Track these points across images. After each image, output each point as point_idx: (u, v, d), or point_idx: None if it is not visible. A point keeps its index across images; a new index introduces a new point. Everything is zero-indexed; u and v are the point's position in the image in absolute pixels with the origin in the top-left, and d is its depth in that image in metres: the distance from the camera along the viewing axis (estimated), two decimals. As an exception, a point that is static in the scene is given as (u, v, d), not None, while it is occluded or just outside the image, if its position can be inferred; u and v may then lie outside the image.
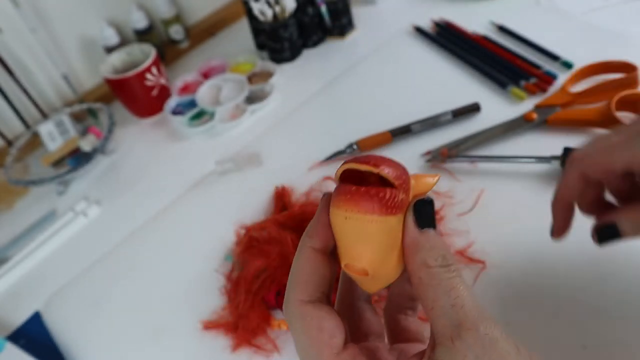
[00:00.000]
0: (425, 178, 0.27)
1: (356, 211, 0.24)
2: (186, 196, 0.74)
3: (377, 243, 0.25)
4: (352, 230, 0.25)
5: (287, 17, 0.86)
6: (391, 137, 0.66)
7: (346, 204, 0.25)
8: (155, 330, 0.58)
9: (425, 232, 0.25)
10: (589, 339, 0.44)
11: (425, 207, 0.26)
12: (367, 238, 0.25)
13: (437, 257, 0.25)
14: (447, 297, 0.23)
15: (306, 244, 0.27)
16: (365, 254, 0.25)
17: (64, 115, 0.88)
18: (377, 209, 0.24)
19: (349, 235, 0.25)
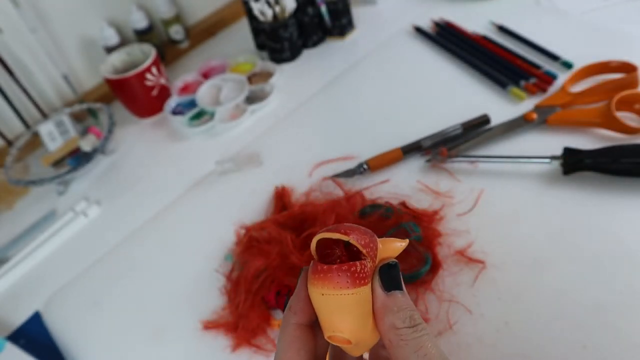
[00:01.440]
0: (392, 243, 0.29)
1: (331, 288, 0.26)
2: (186, 196, 0.74)
3: (354, 313, 0.26)
4: (329, 305, 0.26)
5: (287, 17, 0.86)
6: (402, 154, 0.66)
7: (321, 282, 0.26)
8: (155, 330, 0.58)
9: (392, 295, 0.27)
10: (589, 339, 0.44)
11: (390, 270, 0.27)
12: (344, 310, 0.26)
13: (405, 319, 0.26)
14: (416, 356, 0.25)
15: (290, 320, 0.28)
16: (345, 325, 0.27)
17: (64, 115, 0.88)
18: (350, 283, 0.26)
19: (328, 309, 0.27)
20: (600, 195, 0.55)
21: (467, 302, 0.50)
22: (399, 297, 0.27)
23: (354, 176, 0.66)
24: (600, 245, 0.51)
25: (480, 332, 0.47)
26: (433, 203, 0.60)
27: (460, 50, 0.79)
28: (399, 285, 0.27)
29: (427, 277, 0.52)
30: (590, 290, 0.48)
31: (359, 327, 0.27)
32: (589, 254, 0.50)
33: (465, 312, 0.49)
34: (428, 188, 0.62)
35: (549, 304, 0.48)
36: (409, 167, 0.65)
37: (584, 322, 0.46)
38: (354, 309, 0.26)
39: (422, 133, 0.67)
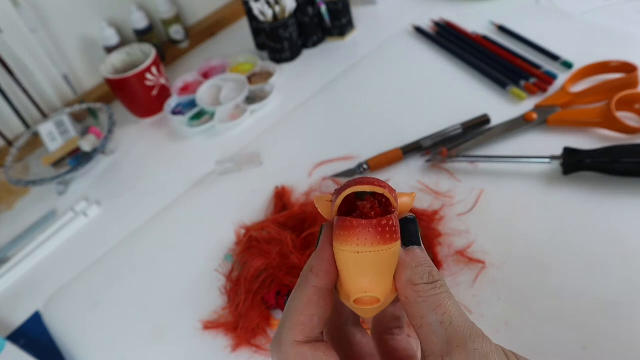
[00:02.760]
0: (402, 197, 0.27)
1: (369, 244, 0.24)
2: (186, 196, 0.74)
3: (386, 271, 0.25)
4: (363, 263, 0.24)
5: (287, 17, 0.86)
6: (402, 154, 0.66)
7: (357, 239, 0.24)
8: (155, 330, 0.58)
9: (410, 250, 0.25)
10: (589, 339, 0.44)
11: (408, 225, 0.26)
12: (378, 268, 0.25)
13: (423, 275, 0.24)
14: (435, 314, 0.23)
15: (310, 282, 0.26)
16: (379, 284, 0.25)
17: (64, 115, 0.88)
18: (387, 238, 0.24)
19: (360, 268, 0.25)
20: (600, 195, 0.55)
21: (467, 302, 0.50)
22: (417, 253, 0.25)
23: (354, 176, 0.66)
24: (601, 245, 0.51)
25: (480, 332, 0.47)
26: (433, 203, 0.60)
27: (460, 50, 0.79)
28: (417, 241, 0.26)
29: (427, 277, 0.52)
30: (590, 290, 0.48)
31: (388, 284, 0.25)
32: (589, 253, 0.50)
33: (466, 312, 0.49)
34: (428, 188, 0.62)
35: (549, 304, 0.48)
36: (409, 167, 0.65)
37: (584, 322, 0.46)
38: (387, 266, 0.25)
39: (422, 133, 0.67)
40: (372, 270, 0.25)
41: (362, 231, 0.24)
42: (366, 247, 0.24)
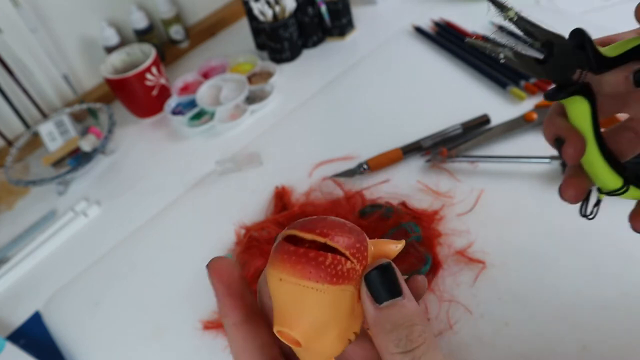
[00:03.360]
0: (387, 245, 0.24)
1: (292, 274, 0.21)
2: (186, 196, 0.74)
3: (313, 314, 0.22)
4: (286, 294, 0.22)
5: (287, 17, 0.86)
6: (402, 154, 0.66)
7: (282, 265, 0.22)
8: (155, 330, 0.58)
9: (384, 309, 0.22)
10: (589, 339, 0.44)
11: (381, 276, 0.22)
12: (302, 306, 0.22)
13: (400, 340, 0.21)
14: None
15: (227, 324, 0.24)
16: (299, 323, 0.22)
17: (64, 115, 0.88)
18: (314, 275, 0.21)
19: (282, 298, 0.22)
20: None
21: (467, 302, 0.50)
22: (392, 311, 0.21)
23: (354, 176, 0.66)
24: (601, 245, 0.51)
25: (480, 332, 0.47)
26: (433, 203, 0.60)
27: (460, 50, 0.79)
28: (394, 292, 0.22)
29: (427, 277, 0.52)
30: (590, 290, 0.48)
31: (316, 331, 0.22)
32: (589, 253, 0.50)
33: (465, 312, 0.49)
34: (428, 188, 0.62)
35: (549, 304, 0.48)
36: (409, 167, 0.65)
37: (584, 322, 0.46)
38: (314, 309, 0.22)
39: (422, 133, 0.67)
40: (294, 304, 0.22)
41: (289, 258, 0.22)
42: (288, 277, 0.22)
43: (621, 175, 0.29)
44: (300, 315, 0.22)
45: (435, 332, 0.48)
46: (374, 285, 0.22)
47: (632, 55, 0.25)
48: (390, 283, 0.22)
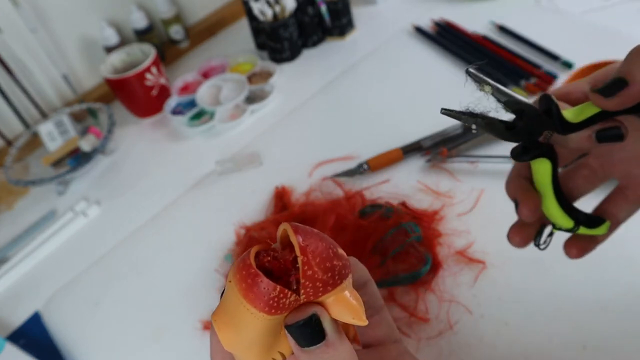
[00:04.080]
0: (347, 302, 0.23)
1: (238, 287, 0.22)
2: (186, 196, 0.74)
3: (243, 329, 0.22)
4: (230, 297, 0.22)
5: (287, 17, 0.86)
6: (402, 154, 0.66)
7: (234, 273, 0.22)
8: (155, 330, 0.58)
9: (306, 351, 0.22)
10: (589, 339, 0.44)
11: (300, 330, 0.22)
12: (236, 317, 0.22)
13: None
14: None
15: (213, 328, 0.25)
16: (228, 329, 0.23)
17: (64, 115, 0.88)
18: (253, 299, 0.21)
19: (228, 298, 0.23)
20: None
21: (467, 302, 0.50)
22: (314, 354, 0.22)
23: (354, 176, 0.66)
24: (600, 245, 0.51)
25: (481, 332, 0.47)
26: (433, 203, 0.60)
27: (460, 50, 0.79)
28: (315, 340, 0.22)
29: (427, 277, 0.52)
30: (590, 290, 0.48)
31: (241, 343, 0.23)
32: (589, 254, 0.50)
33: (466, 312, 0.49)
34: (428, 188, 0.62)
35: (549, 304, 0.48)
36: (409, 167, 0.65)
37: (584, 322, 0.46)
38: (244, 324, 0.22)
39: (422, 133, 0.67)
40: (231, 309, 0.22)
41: (241, 268, 0.22)
42: (235, 286, 0.22)
43: (574, 219, 0.36)
44: (232, 323, 0.22)
45: (435, 332, 0.48)
46: (295, 336, 0.22)
47: (592, 122, 0.30)
48: (310, 334, 0.22)
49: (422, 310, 0.50)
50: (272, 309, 0.21)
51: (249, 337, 0.22)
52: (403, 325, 0.49)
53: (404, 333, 0.49)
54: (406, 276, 0.51)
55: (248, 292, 0.21)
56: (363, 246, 0.55)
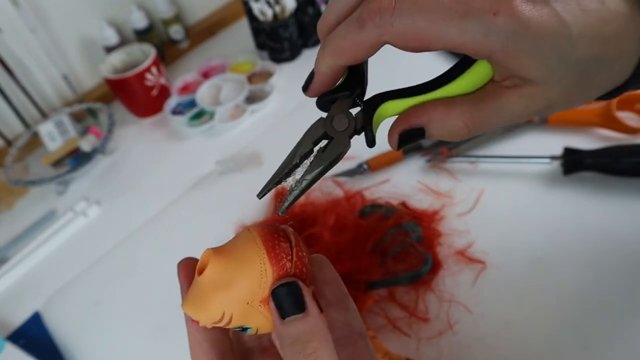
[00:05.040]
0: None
1: (261, 238, 0.26)
2: (186, 196, 0.74)
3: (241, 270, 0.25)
4: (243, 244, 0.26)
5: (287, 17, 0.86)
6: (402, 154, 0.66)
7: (260, 229, 0.26)
8: (155, 330, 0.58)
9: (286, 323, 0.24)
10: (589, 339, 0.44)
11: (286, 292, 0.24)
12: (244, 258, 0.25)
13: (295, 354, 0.23)
14: None
15: (191, 326, 0.28)
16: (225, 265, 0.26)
17: (64, 115, 0.88)
18: (270, 249, 0.25)
19: (238, 244, 0.26)
20: (600, 195, 0.55)
21: (467, 302, 0.50)
22: (292, 326, 0.24)
23: (354, 176, 0.66)
24: (600, 245, 0.51)
25: (481, 332, 0.47)
26: (433, 203, 0.60)
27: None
28: (296, 308, 0.24)
29: (428, 277, 0.52)
30: (590, 290, 0.48)
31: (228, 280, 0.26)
32: (589, 253, 0.50)
33: (466, 312, 0.49)
34: (428, 188, 0.62)
35: (549, 304, 0.48)
36: (409, 167, 0.65)
37: (584, 322, 0.46)
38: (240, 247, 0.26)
39: (422, 133, 0.67)
40: (239, 251, 0.26)
41: (265, 226, 0.27)
42: (258, 237, 0.27)
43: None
44: (233, 257, 0.26)
45: (435, 332, 0.48)
46: (279, 300, 0.24)
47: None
48: (293, 300, 0.24)
49: (422, 310, 0.50)
50: (280, 268, 0.25)
51: (242, 279, 0.25)
52: (403, 325, 0.49)
53: (404, 333, 0.49)
54: (406, 276, 0.51)
55: (271, 247, 0.25)
56: (363, 246, 0.55)
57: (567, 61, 0.21)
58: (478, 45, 0.21)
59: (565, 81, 0.22)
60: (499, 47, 0.21)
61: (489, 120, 0.24)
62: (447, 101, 0.25)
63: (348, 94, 0.26)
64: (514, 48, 0.21)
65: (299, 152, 0.27)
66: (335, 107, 0.27)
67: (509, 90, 0.23)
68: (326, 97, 0.27)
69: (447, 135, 0.25)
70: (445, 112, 0.24)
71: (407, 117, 0.25)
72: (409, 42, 0.23)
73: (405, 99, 0.26)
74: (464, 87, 0.24)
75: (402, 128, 0.26)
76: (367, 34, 0.23)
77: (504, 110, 0.23)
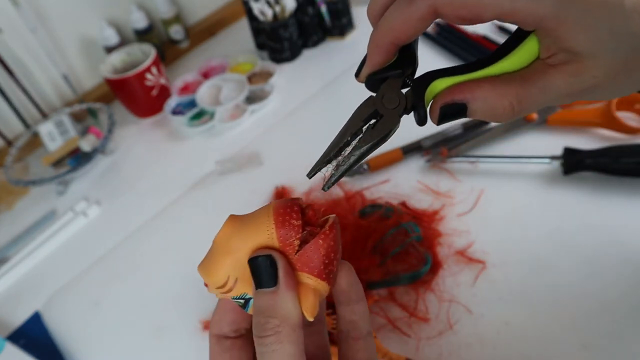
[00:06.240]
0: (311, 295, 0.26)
1: (274, 209, 0.26)
2: (186, 196, 0.74)
3: (248, 233, 0.26)
4: (258, 216, 0.27)
5: (287, 17, 0.86)
6: (402, 154, 0.66)
7: (277, 201, 0.27)
8: (155, 330, 0.58)
9: (258, 294, 0.25)
10: (589, 339, 0.44)
11: (262, 264, 0.25)
12: (254, 226, 0.26)
13: (257, 326, 0.24)
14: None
15: (210, 331, 0.29)
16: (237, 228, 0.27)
17: (64, 115, 0.88)
18: (280, 221, 0.26)
19: (254, 215, 0.27)
20: (600, 195, 0.55)
21: (467, 302, 0.50)
22: (260, 298, 0.25)
23: (354, 176, 0.66)
24: (600, 245, 0.51)
25: (481, 332, 0.47)
26: (433, 203, 0.60)
27: (461, 50, 0.79)
28: (268, 282, 0.24)
29: (428, 277, 0.52)
30: (590, 290, 0.48)
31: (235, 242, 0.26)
32: (589, 253, 0.50)
33: (466, 312, 0.49)
34: (428, 188, 0.62)
35: (549, 304, 0.48)
36: (409, 167, 0.65)
37: (584, 322, 0.46)
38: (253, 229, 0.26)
39: (422, 133, 0.67)
40: (253, 220, 0.27)
41: (283, 200, 0.27)
42: (272, 209, 0.27)
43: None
44: (245, 224, 0.27)
45: (435, 332, 0.48)
46: (254, 269, 0.25)
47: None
48: (267, 272, 0.25)
49: (422, 310, 0.50)
50: (286, 244, 0.25)
51: (248, 246, 0.26)
52: (403, 325, 0.49)
53: (404, 333, 0.49)
54: (406, 276, 0.51)
55: (281, 222, 0.25)
56: (363, 246, 0.55)
57: (618, 35, 0.21)
58: (529, 12, 0.21)
59: (613, 58, 0.21)
60: (549, 14, 0.21)
61: (534, 99, 0.23)
62: (493, 79, 0.24)
63: (400, 73, 0.26)
64: (565, 15, 0.20)
65: (349, 130, 0.27)
66: (385, 85, 0.27)
67: (555, 68, 0.23)
68: (377, 75, 0.27)
69: (490, 114, 0.24)
70: (490, 90, 0.24)
71: (451, 92, 0.25)
72: (459, 11, 0.22)
73: (456, 76, 0.25)
74: (512, 66, 0.24)
75: (444, 101, 0.25)
76: (418, 7, 0.23)
77: (549, 88, 0.23)
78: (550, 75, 0.23)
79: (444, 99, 0.25)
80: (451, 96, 0.25)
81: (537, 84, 0.23)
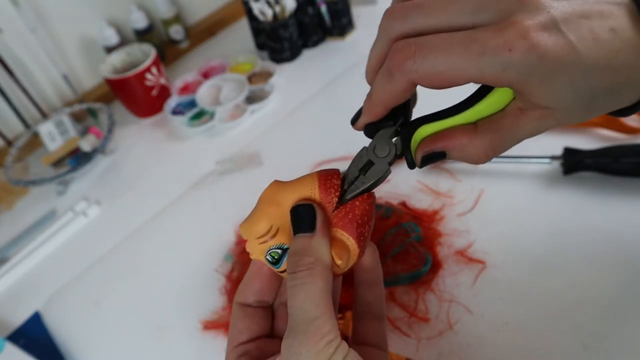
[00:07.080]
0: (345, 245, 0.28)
1: (317, 173, 0.30)
2: (186, 196, 0.74)
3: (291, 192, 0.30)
4: (303, 181, 0.30)
5: (287, 17, 0.86)
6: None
7: (320, 171, 0.30)
8: (155, 330, 0.58)
9: (295, 238, 0.28)
10: (589, 339, 0.44)
11: (302, 212, 0.28)
12: (298, 188, 0.30)
13: (291, 263, 0.27)
14: (289, 301, 0.26)
15: (235, 299, 0.32)
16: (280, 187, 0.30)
17: (64, 115, 0.88)
18: (322, 181, 0.29)
19: (298, 181, 0.30)
20: (600, 195, 0.55)
21: (467, 302, 0.50)
22: (297, 241, 0.27)
23: (354, 176, 0.66)
24: (600, 245, 0.51)
25: (481, 332, 0.47)
26: (433, 203, 0.60)
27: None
28: (306, 227, 0.27)
29: (428, 277, 0.52)
30: (590, 290, 0.48)
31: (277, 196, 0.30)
32: (589, 253, 0.50)
33: (466, 312, 0.49)
34: (428, 188, 0.62)
35: (549, 304, 0.48)
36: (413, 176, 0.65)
37: (584, 321, 0.46)
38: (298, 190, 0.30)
39: (422, 133, 0.67)
40: (296, 184, 0.31)
41: (325, 170, 0.31)
42: (316, 174, 0.31)
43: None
44: (291, 185, 0.31)
45: (435, 332, 0.48)
46: (295, 215, 0.28)
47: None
48: (307, 219, 0.28)
49: (422, 310, 0.50)
50: (327, 200, 0.29)
51: (292, 198, 0.29)
52: (403, 325, 0.49)
53: (404, 333, 0.49)
54: (406, 276, 0.51)
55: (324, 180, 0.29)
56: (363, 246, 0.55)
57: (579, 90, 0.23)
58: (497, 79, 0.23)
59: (575, 107, 0.24)
60: (516, 80, 0.23)
61: (507, 145, 0.26)
62: (470, 129, 0.27)
63: (391, 124, 0.30)
64: (529, 80, 0.23)
65: (347, 180, 0.30)
66: (378, 135, 0.30)
67: (525, 114, 0.25)
68: (372, 126, 0.31)
69: (467, 161, 0.27)
70: (467, 140, 0.27)
71: (431, 142, 0.28)
72: (434, 82, 0.25)
73: (437, 122, 0.29)
74: (488, 109, 0.27)
75: (424, 151, 0.28)
76: (397, 83, 0.26)
77: (520, 133, 0.26)
78: (521, 121, 0.25)
79: (424, 149, 0.28)
80: (431, 146, 0.28)
81: (509, 131, 0.26)
